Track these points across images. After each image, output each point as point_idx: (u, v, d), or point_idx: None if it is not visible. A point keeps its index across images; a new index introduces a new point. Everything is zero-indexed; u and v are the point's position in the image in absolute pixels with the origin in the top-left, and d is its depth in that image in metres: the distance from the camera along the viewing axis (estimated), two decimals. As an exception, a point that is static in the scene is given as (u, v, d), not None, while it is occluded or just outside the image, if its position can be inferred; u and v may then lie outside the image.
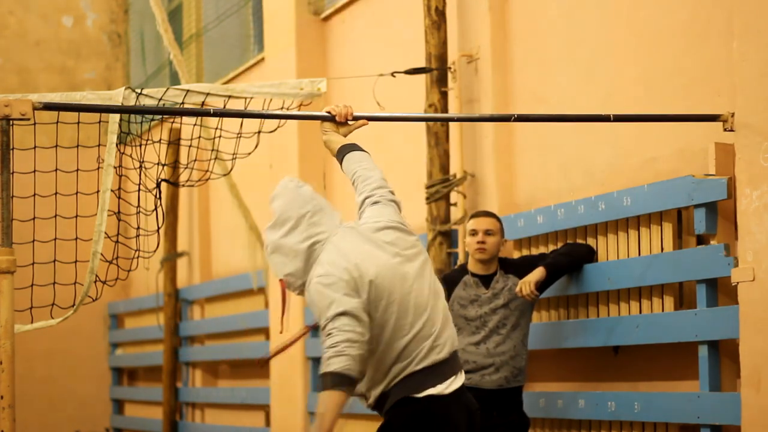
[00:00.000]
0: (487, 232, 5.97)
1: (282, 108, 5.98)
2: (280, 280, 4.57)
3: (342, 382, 4.18)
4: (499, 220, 6.06)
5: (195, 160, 6.29)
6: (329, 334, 4.23)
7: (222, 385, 11.14)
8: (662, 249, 5.68)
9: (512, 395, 5.94)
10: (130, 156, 5.55)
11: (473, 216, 6.11)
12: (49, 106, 4.76)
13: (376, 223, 4.52)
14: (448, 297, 5.80)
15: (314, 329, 7.99)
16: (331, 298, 4.28)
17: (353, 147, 4.80)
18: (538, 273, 5.85)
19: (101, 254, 5.53)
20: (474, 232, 5.98)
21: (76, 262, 5.77)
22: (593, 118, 5.74)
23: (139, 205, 5.60)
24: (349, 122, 4.95)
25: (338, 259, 4.37)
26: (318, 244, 4.47)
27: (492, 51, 6.98)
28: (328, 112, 4.93)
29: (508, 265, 6.07)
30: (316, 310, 4.34)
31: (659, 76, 5.86)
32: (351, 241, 4.45)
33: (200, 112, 5.63)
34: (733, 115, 5.12)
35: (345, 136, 4.96)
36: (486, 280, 6.01)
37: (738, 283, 5.06)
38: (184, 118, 6.33)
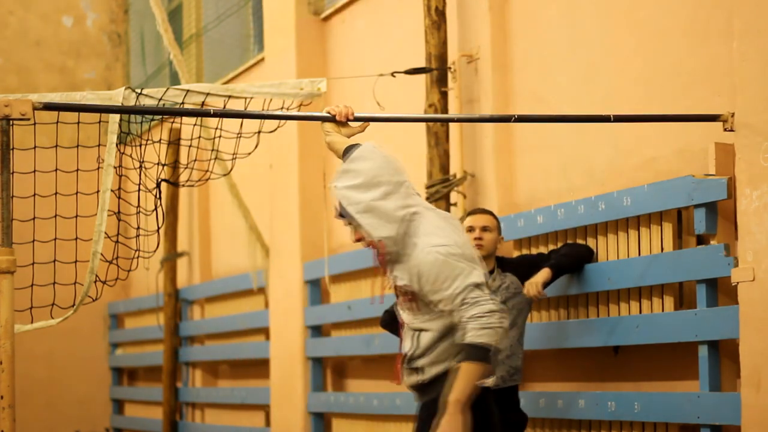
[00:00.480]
0: (484, 229, 5.90)
1: (282, 108, 5.98)
2: (371, 242, 4.51)
3: (490, 357, 4.31)
4: (496, 217, 6.02)
5: (195, 160, 6.29)
6: (475, 302, 4.31)
7: (222, 385, 11.14)
8: (662, 249, 5.68)
9: (509, 394, 5.90)
10: (130, 156, 5.55)
11: (470, 213, 6.04)
12: (49, 106, 4.76)
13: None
14: None
15: None
16: (461, 267, 4.37)
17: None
18: (545, 274, 5.83)
19: (101, 254, 5.54)
20: (471, 229, 5.90)
21: (76, 262, 5.77)
22: (593, 118, 5.74)
23: (139, 205, 5.60)
24: (350, 123, 4.96)
25: (453, 234, 4.48)
26: (415, 216, 4.50)
27: (492, 51, 6.98)
28: (328, 113, 4.94)
29: (505, 264, 6.02)
30: (434, 280, 4.38)
31: (659, 76, 5.86)
32: (446, 219, 4.60)
33: (200, 113, 5.63)
34: (733, 115, 5.12)
35: (348, 137, 4.98)
36: None
37: (738, 283, 5.06)
38: (184, 118, 6.33)
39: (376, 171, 4.50)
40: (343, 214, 4.53)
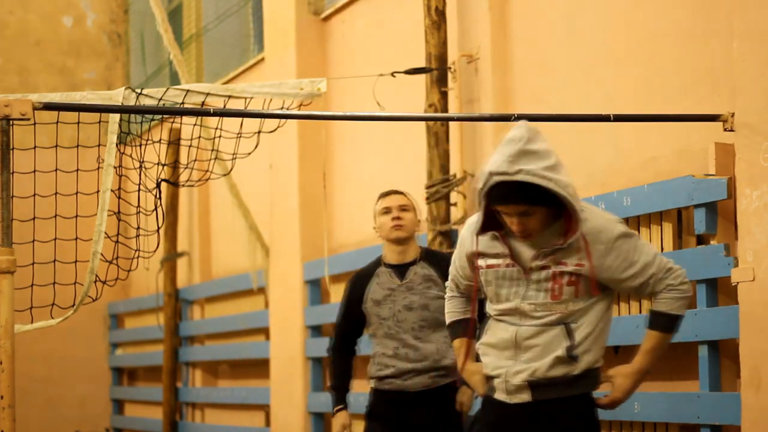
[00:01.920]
0: (402, 208, 5.44)
1: (282, 108, 5.98)
2: (573, 228, 4.10)
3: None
4: (410, 197, 5.58)
5: (195, 160, 6.28)
6: (670, 269, 4.19)
7: (222, 385, 11.14)
8: (662, 249, 5.68)
9: (443, 392, 5.43)
10: (130, 156, 5.55)
11: (383, 195, 5.54)
12: (49, 106, 4.76)
13: None
14: (361, 296, 5.48)
15: None
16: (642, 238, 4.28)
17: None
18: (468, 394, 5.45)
19: (101, 254, 5.53)
20: (387, 210, 5.44)
21: (76, 262, 5.77)
22: (593, 118, 5.74)
23: (139, 205, 5.59)
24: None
25: None
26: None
27: (492, 51, 6.98)
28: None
29: (433, 256, 5.55)
30: (625, 254, 4.13)
31: (659, 76, 5.86)
32: None
33: (200, 112, 5.63)
34: (733, 115, 5.12)
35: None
36: (401, 270, 5.46)
37: (738, 283, 5.06)
38: (184, 118, 6.33)
39: (547, 146, 4.10)
40: (530, 202, 4.04)
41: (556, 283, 4.14)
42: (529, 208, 4.05)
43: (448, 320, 4.56)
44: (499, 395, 4.23)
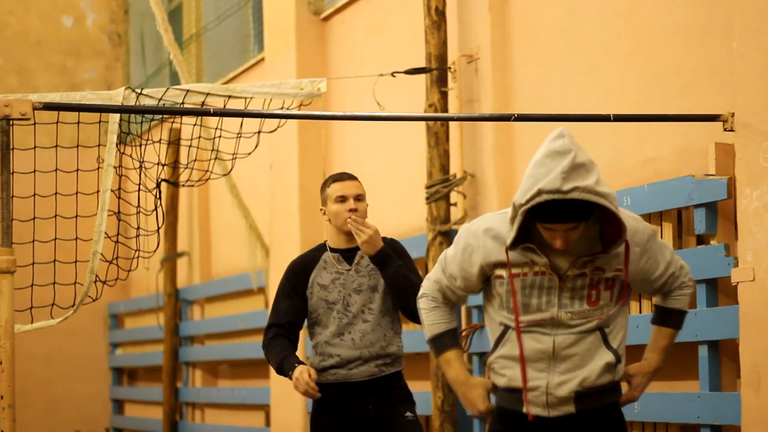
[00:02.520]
0: (358, 198, 5.04)
1: (282, 108, 5.98)
2: (615, 239, 3.95)
3: None
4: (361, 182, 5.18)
5: (195, 160, 6.28)
6: (683, 267, 4.16)
7: (222, 385, 11.14)
8: (662, 249, 5.68)
9: (388, 381, 5.15)
10: (130, 156, 5.55)
11: (335, 180, 5.11)
12: (49, 106, 4.76)
13: None
14: (305, 282, 5.12)
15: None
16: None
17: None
18: None
19: (101, 254, 5.53)
20: (343, 199, 5.02)
21: (76, 262, 5.77)
22: (593, 118, 5.73)
23: (139, 205, 5.60)
24: None
25: None
26: None
27: (492, 51, 6.98)
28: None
29: (386, 244, 5.09)
30: (654, 256, 4.06)
31: (659, 76, 5.86)
32: None
33: (200, 112, 5.63)
34: (733, 115, 5.12)
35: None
36: (349, 255, 5.12)
37: (738, 283, 5.06)
38: (184, 118, 6.33)
39: (586, 155, 3.88)
40: (581, 218, 3.86)
41: (594, 290, 3.98)
42: (578, 224, 3.88)
43: (432, 332, 4.21)
44: (534, 409, 3.98)
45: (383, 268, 5.00)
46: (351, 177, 5.09)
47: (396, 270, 4.98)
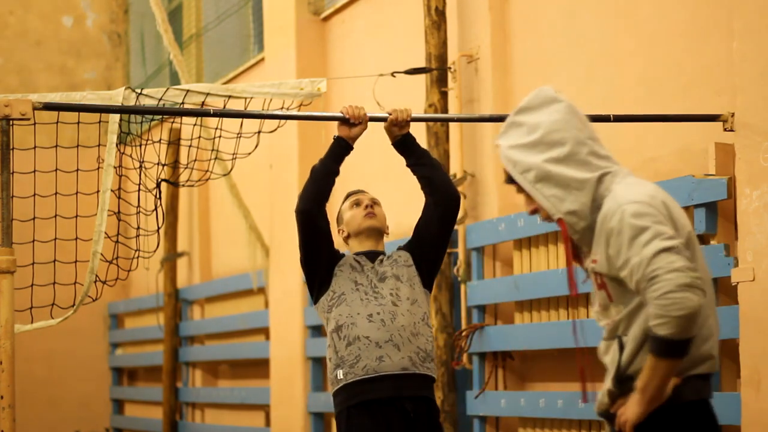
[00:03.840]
0: (374, 201, 5.04)
1: (282, 108, 5.98)
2: (559, 219, 3.58)
3: (675, 351, 3.45)
4: None
5: (195, 160, 6.28)
6: (655, 276, 3.36)
7: (222, 385, 11.14)
8: (662, 249, 5.67)
9: (420, 382, 4.83)
10: (130, 156, 5.55)
11: (348, 195, 5.13)
12: (49, 106, 4.76)
13: None
14: (337, 253, 4.95)
15: None
16: (648, 227, 3.43)
17: None
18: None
19: (101, 254, 5.53)
20: (357, 202, 5.03)
21: (76, 262, 5.77)
22: (593, 118, 5.71)
23: (139, 205, 5.60)
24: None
25: (653, 189, 3.59)
26: (608, 176, 3.55)
27: (492, 51, 6.98)
28: (342, 113, 4.86)
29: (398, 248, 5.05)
30: (619, 247, 3.46)
31: (659, 76, 5.86)
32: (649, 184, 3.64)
33: (200, 113, 5.63)
34: (733, 115, 5.12)
35: (355, 137, 4.86)
36: (371, 256, 4.98)
37: (738, 283, 5.06)
38: (184, 118, 6.33)
39: (554, 125, 3.56)
40: (512, 179, 3.59)
41: (598, 287, 3.59)
42: (516, 186, 3.59)
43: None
44: None
45: (416, 146, 5.04)
46: (363, 191, 5.12)
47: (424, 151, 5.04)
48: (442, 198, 4.96)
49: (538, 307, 6.45)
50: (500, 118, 6.75)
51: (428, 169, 4.99)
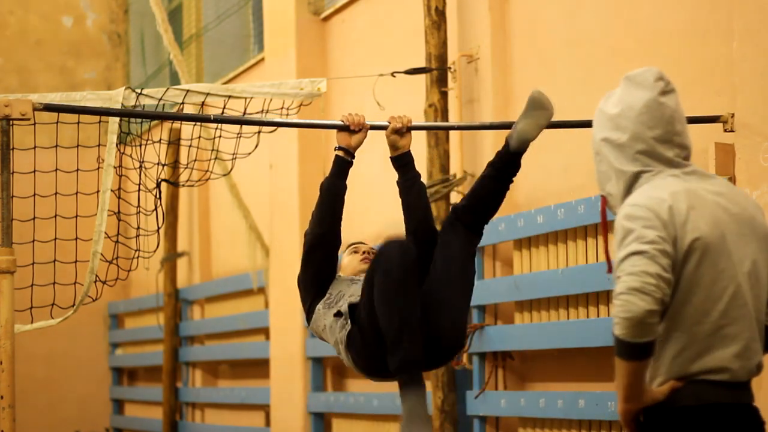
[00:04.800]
0: (372, 250, 5.16)
1: (282, 108, 5.98)
2: (603, 195, 3.68)
3: (630, 352, 3.39)
4: None
5: (195, 160, 6.28)
6: (620, 284, 3.37)
7: (222, 385, 11.14)
8: (662, 249, 5.67)
9: None
10: (130, 156, 5.55)
11: (351, 245, 5.28)
12: (49, 107, 4.77)
13: None
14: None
15: None
16: (631, 229, 3.44)
17: None
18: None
19: (101, 254, 5.53)
20: (355, 250, 5.19)
21: (76, 262, 5.77)
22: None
23: (139, 205, 5.59)
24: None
25: (672, 187, 3.51)
26: (646, 174, 3.58)
27: (492, 51, 6.98)
28: (343, 121, 4.85)
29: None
30: (616, 248, 3.51)
31: (659, 76, 5.86)
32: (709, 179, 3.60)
33: (200, 118, 5.63)
34: (733, 115, 5.12)
35: (356, 145, 4.88)
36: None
37: (738, 283, 5.05)
38: (184, 117, 6.32)
39: (630, 111, 3.67)
40: None
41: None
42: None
43: None
44: None
45: (410, 167, 5.06)
46: (363, 242, 5.23)
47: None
48: (417, 229, 4.91)
49: (538, 307, 6.45)
50: (500, 126, 6.77)
51: (413, 197, 4.97)
